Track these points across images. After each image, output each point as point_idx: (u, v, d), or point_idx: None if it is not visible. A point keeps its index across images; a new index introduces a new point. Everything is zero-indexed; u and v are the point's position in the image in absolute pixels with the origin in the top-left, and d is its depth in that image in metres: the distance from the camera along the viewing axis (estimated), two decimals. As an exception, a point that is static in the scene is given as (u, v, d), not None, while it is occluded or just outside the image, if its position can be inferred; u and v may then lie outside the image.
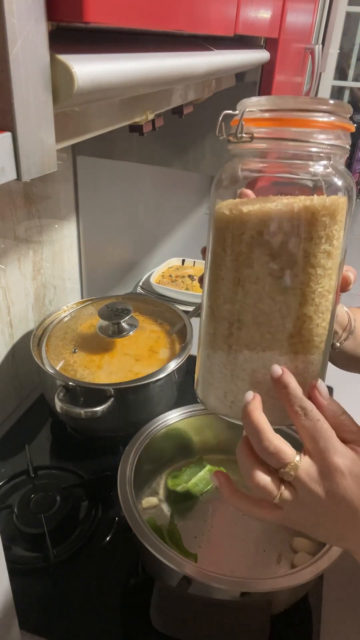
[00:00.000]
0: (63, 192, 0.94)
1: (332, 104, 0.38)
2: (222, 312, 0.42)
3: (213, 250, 0.42)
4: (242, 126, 0.38)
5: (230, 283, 0.41)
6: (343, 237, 0.40)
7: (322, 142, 0.37)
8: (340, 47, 2.96)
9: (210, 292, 0.43)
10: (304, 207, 0.37)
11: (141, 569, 0.66)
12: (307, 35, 1.22)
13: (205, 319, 0.45)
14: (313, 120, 0.37)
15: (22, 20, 0.25)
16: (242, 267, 0.40)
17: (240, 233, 0.39)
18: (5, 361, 0.88)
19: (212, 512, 0.71)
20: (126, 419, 0.80)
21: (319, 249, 0.38)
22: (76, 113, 0.38)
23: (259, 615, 0.52)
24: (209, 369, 0.45)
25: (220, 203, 0.41)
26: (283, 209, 0.37)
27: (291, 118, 0.37)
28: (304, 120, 0.37)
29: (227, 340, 0.42)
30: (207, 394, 0.46)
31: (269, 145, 0.38)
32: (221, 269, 0.41)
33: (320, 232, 0.38)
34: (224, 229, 0.40)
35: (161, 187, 1.49)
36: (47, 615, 0.61)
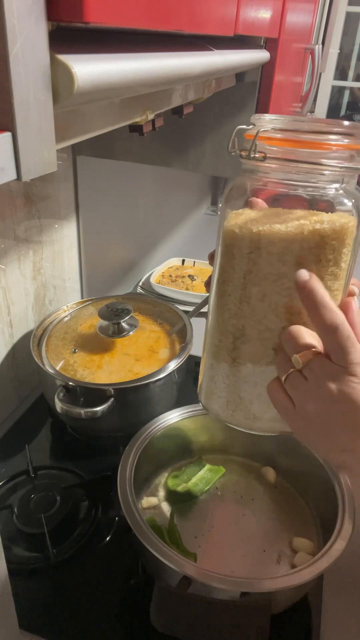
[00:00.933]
0: (63, 192, 0.94)
1: (347, 126, 0.38)
2: (228, 326, 0.42)
3: (221, 265, 0.42)
4: (256, 146, 0.38)
5: (237, 299, 0.41)
6: (351, 258, 0.40)
7: (336, 165, 0.37)
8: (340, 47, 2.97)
9: (216, 306, 0.43)
10: (314, 231, 0.37)
11: (141, 569, 0.66)
12: (307, 35, 1.22)
13: (210, 330, 0.45)
14: (327, 144, 0.37)
15: (22, 20, 0.25)
16: (249, 284, 0.40)
17: (249, 252, 0.39)
18: (5, 361, 0.88)
19: (212, 512, 0.71)
20: (126, 419, 0.80)
21: (326, 271, 0.38)
22: (76, 113, 0.38)
23: (259, 615, 0.52)
24: (213, 378, 0.46)
25: (230, 219, 0.40)
26: (293, 231, 0.37)
27: (305, 140, 0.37)
28: (318, 143, 0.37)
29: (232, 353, 0.43)
30: (210, 401, 0.47)
31: (281, 165, 0.38)
32: (228, 284, 0.41)
33: (328, 255, 0.38)
34: (232, 246, 0.40)
35: (161, 187, 1.49)
36: (47, 615, 0.61)
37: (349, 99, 3.26)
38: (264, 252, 0.38)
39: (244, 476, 0.76)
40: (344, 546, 0.56)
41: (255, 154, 0.38)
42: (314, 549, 0.65)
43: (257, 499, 0.73)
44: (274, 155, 0.38)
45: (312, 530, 0.68)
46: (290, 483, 0.75)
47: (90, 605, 0.62)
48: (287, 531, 0.68)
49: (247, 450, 0.78)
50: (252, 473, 0.77)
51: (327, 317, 0.36)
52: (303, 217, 0.38)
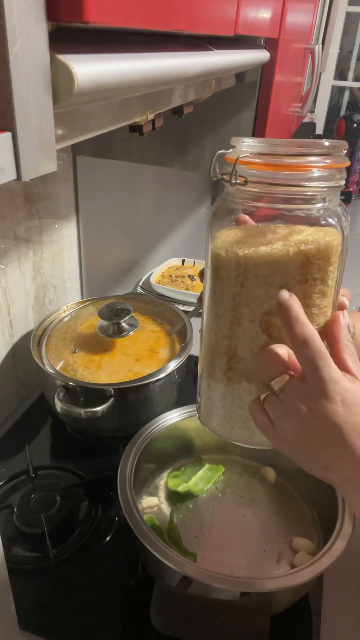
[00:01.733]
0: (63, 192, 0.94)
1: (327, 146, 0.38)
2: (221, 347, 0.43)
3: (211, 287, 0.42)
4: (235, 173, 0.38)
5: (228, 321, 0.42)
6: (337, 274, 0.40)
7: (317, 185, 0.37)
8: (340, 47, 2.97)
9: (208, 328, 0.44)
10: (299, 252, 0.37)
11: (141, 569, 0.66)
12: (307, 35, 1.22)
13: (204, 351, 0.46)
14: (307, 165, 0.37)
15: (22, 20, 0.25)
16: (239, 306, 0.40)
17: (236, 275, 0.39)
18: (5, 361, 0.88)
19: (212, 512, 0.71)
20: (126, 419, 0.80)
21: (314, 290, 0.39)
22: (76, 113, 0.38)
23: (259, 615, 0.52)
24: (210, 397, 0.46)
25: (216, 240, 0.41)
26: (278, 253, 0.37)
27: (285, 164, 0.37)
28: (298, 165, 0.37)
29: (227, 373, 0.43)
30: (208, 419, 0.48)
31: (262, 189, 0.38)
32: (219, 307, 0.42)
33: (315, 275, 0.38)
34: (220, 269, 0.40)
35: (161, 187, 1.49)
36: (47, 615, 0.61)
37: (349, 99, 3.26)
38: (251, 274, 0.39)
39: (244, 476, 0.77)
40: (344, 546, 0.56)
41: (237, 179, 0.38)
42: (314, 549, 0.65)
43: (257, 499, 0.73)
44: (255, 180, 0.38)
45: (312, 530, 0.68)
46: (290, 483, 0.75)
47: (90, 605, 0.62)
48: (287, 531, 0.68)
49: (247, 450, 0.78)
50: (252, 473, 0.77)
51: (298, 331, 0.37)
52: (288, 235, 0.38)
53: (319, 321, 0.41)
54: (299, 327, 0.37)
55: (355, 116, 2.44)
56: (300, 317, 0.37)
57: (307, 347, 0.37)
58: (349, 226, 0.40)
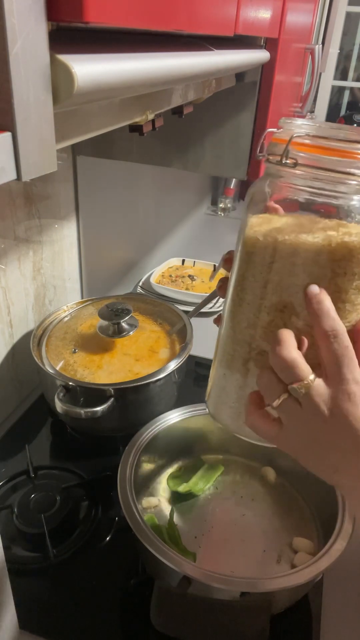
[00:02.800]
0: (63, 192, 0.94)
1: None
2: (244, 335, 0.41)
3: (240, 272, 0.40)
4: (288, 152, 0.36)
5: (256, 308, 0.40)
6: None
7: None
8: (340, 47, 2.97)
9: (232, 313, 0.42)
10: (342, 243, 0.36)
11: (141, 569, 0.66)
12: (307, 35, 1.22)
13: (224, 338, 0.43)
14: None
15: (22, 20, 0.25)
16: (269, 294, 0.39)
17: (272, 261, 0.38)
18: (5, 361, 0.88)
19: (212, 512, 0.71)
20: (126, 419, 0.80)
21: (351, 285, 0.37)
22: (76, 113, 0.38)
23: (259, 615, 0.52)
24: (224, 388, 0.45)
25: (252, 225, 0.39)
26: (320, 242, 0.36)
27: (337, 148, 0.35)
28: (350, 152, 0.35)
29: (246, 364, 0.42)
30: (219, 411, 0.46)
31: (309, 172, 0.36)
32: (247, 293, 0.40)
33: (355, 269, 0.37)
34: (254, 253, 0.39)
35: (161, 187, 1.49)
36: (47, 615, 0.61)
37: (349, 99, 3.26)
38: (287, 262, 0.37)
39: (244, 476, 0.77)
40: (344, 546, 0.56)
41: (287, 159, 0.36)
42: (314, 549, 0.65)
43: (257, 499, 0.73)
44: (305, 162, 0.36)
45: (312, 530, 0.68)
46: (290, 483, 0.75)
47: (90, 605, 0.62)
48: (287, 531, 0.68)
49: (247, 450, 0.78)
50: (252, 473, 0.77)
51: (329, 324, 0.36)
52: (330, 227, 0.37)
53: (351, 318, 0.39)
54: (330, 321, 0.36)
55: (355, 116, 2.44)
56: (332, 311, 0.36)
57: (335, 341, 0.36)
58: None
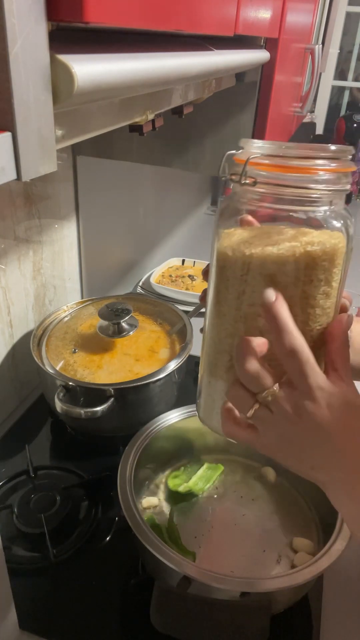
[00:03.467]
0: (63, 192, 0.94)
1: (334, 150, 0.38)
2: (224, 345, 0.43)
3: (216, 285, 0.42)
4: (245, 174, 0.38)
5: (232, 319, 0.42)
6: (341, 276, 0.41)
7: (324, 188, 0.38)
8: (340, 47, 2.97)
9: (212, 325, 0.44)
10: (305, 253, 0.38)
11: (141, 569, 0.66)
12: (307, 35, 1.22)
13: (207, 348, 0.46)
14: (315, 168, 0.38)
15: (22, 20, 0.25)
16: (243, 305, 0.41)
17: (242, 274, 0.40)
18: (5, 361, 0.88)
19: (212, 512, 0.71)
20: (126, 419, 0.80)
21: (318, 291, 0.39)
22: (76, 113, 0.38)
23: (259, 615, 0.52)
24: (211, 395, 0.47)
25: (223, 239, 0.41)
26: (285, 254, 0.38)
27: (294, 166, 0.38)
28: (306, 168, 0.38)
29: (229, 372, 0.44)
30: (209, 417, 0.48)
31: (270, 190, 0.39)
32: (223, 305, 0.42)
33: (319, 276, 0.39)
34: (226, 267, 0.41)
35: (161, 187, 1.49)
36: (47, 615, 0.61)
37: (348, 99, 3.26)
38: (256, 274, 0.39)
39: (244, 476, 0.76)
40: (344, 546, 0.56)
41: (246, 179, 0.39)
42: (314, 549, 0.65)
43: (257, 499, 0.73)
44: (264, 181, 0.38)
45: (312, 530, 0.68)
46: (290, 483, 0.75)
47: (90, 606, 0.62)
48: (287, 531, 0.68)
49: (247, 450, 0.78)
50: (252, 473, 0.77)
51: (287, 342, 0.37)
52: (294, 237, 0.39)
53: (322, 321, 0.41)
54: (288, 337, 0.37)
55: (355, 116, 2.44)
56: (289, 326, 0.37)
57: (295, 358, 0.37)
58: (353, 229, 0.41)
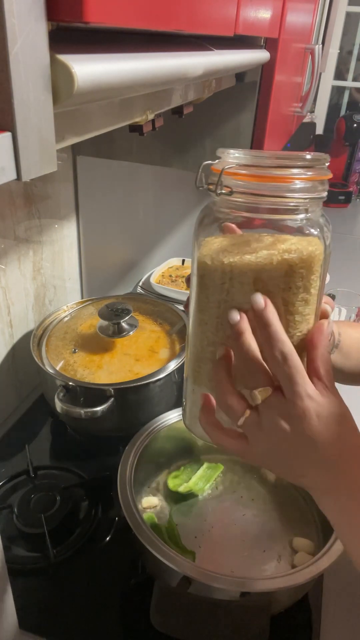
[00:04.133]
0: (63, 192, 0.95)
1: (309, 159, 0.39)
2: (206, 353, 0.43)
3: (197, 294, 0.43)
4: (221, 184, 0.39)
5: (214, 327, 0.42)
6: (320, 282, 0.41)
7: (299, 196, 0.38)
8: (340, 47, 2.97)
9: (194, 334, 0.44)
10: (282, 261, 0.38)
11: (141, 569, 0.66)
12: (307, 35, 1.22)
13: (190, 356, 0.46)
14: (290, 177, 0.38)
15: (22, 20, 0.25)
16: (224, 313, 0.41)
17: (222, 283, 0.40)
18: (5, 361, 0.88)
19: (212, 512, 0.71)
20: (126, 419, 0.80)
21: (296, 298, 0.40)
22: (76, 113, 0.38)
23: (259, 615, 0.52)
24: (195, 402, 0.47)
25: (202, 248, 0.42)
26: (262, 262, 0.38)
27: (268, 175, 0.38)
28: (281, 177, 0.38)
29: (212, 380, 0.44)
30: (194, 424, 0.48)
31: (246, 199, 0.39)
32: (204, 314, 0.42)
33: (297, 283, 0.39)
34: (205, 276, 0.41)
35: (161, 187, 1.49)
36: (47, 615, 0.61)
37: (348, 99, 3.26)
38: (236, 282, 0.40)
39: (244, 476, 0.77)
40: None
41: (222, 189, 0.39)
42: (314, 549, 0.65)
43: (257, 499, 0.73)
44: (240, 190, 0.39)
45: (312, 530, 0.68)
46: (290, 483, 0.75)
47: (90, 605, 0.62)
48: (287, 531, 0.68)
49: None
50: (252, 473, 0.77)
51: (278, 348, 0.38)
52: (272, 244, 0.39)
53: (302, 328, 0.41)
54: (279, 344, 0.38)
55: (355, 116, 2.44)
56: (279, 334, 0.38)
57: (285, 363, 0.38)
58: (331, 236, 0.41)
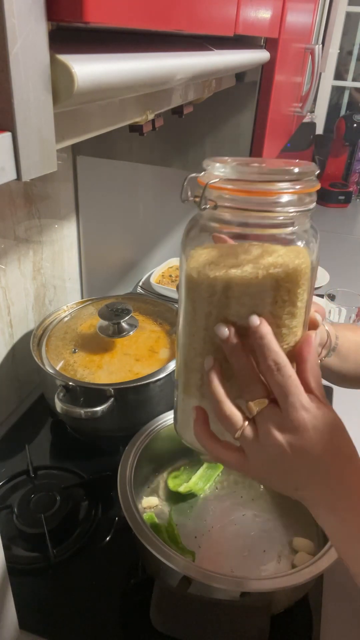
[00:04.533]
0: (63, 192, 0.94)
1: (297, 172, 0.38)
2: (194, 364, 0.44)
3: (185, 306, 0.43)
4: (205, 198, 0.39)
5: (201, 339, 0.42)
6: (308, 295, 0.41)
7: (286, 210, 0.38)
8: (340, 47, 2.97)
9: (182, 345, 0.45)
10: (268, 275, 0.38)
11: (141, 569, 0.66)
12: (307, 35, 1.22)
13: (179, 367, 0.46)
14: (276, 192, 0.37)
15: (22, 20, 0.25)
16: (210, 325, 0.41)
17: (208, 296, 0.40)
18: (5, 361, 0.88)
19: (212, 512, 0.71)
20: (126, 419, 0.80)
21: (283, 311, 0.40)
22: (76, 113, 0.38)
23: (259, 615, 0.52)
24: (184, 410, 0.47)
25: (190, 260, 0.41)
26: (248, 276, 0.38)
27: (254, 190, 0.38)
28: (266, 192, 0.37)
29: (200, 389, 0.44)
30: (184, 431, 0.49)
31: (232, 213, 0.39)
32: (192, 326, 0.42)
33: (284, 297, 0.39)
34: (192, 290, 0.41)
35: (161, 187, 1.48)
36: (47, 615, 0.61)
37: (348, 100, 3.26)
38: (222, 295, 0.40)
39: (244, 476, 0.76)
40: (344, 546, 0.56)
41: (206, 204, 0.39)
42: (314, 549, 0.65)
43: (257, 499, 0.73)
44: (225, 204, 0.38)
45: (312, 530, 0.68)
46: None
47: (90, 605, 0.62)
48: (287, 531, 0.68)
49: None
50: (252, 473, 0.77)
51: (272, 358, 0.38)
52: (259, 256, 0.39)
53: (289, 341, 0.41)
54: (273, 354, 0.38)
55: (355, 116, 2.44)
56: (273, 345, 0.38)
57: (279, 374, 0.38)
58: (319, 245, 0.41)
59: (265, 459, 0.40)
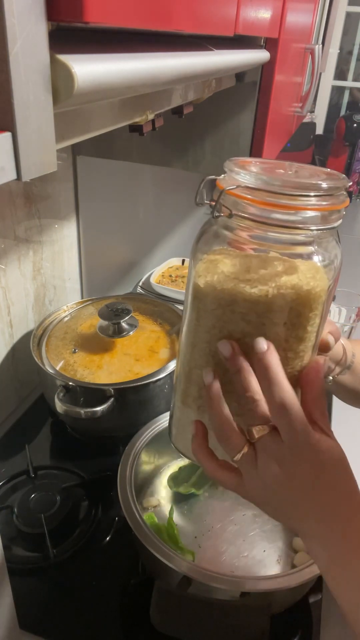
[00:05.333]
0: (63, 192, 0.94)
1: (326, 187, 0.34)
2: (193, 375, 0.42)
3: (189, 314, 0.40)
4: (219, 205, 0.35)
5: (202, 351, 0.40)
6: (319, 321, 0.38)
7: (309, 228, 0.34)
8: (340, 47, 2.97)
9: (183, 355, 0.43)
10: (278, 295, 0.35)
11: (141, 569, 0.66)
12: (307, 35, 1.22)
13: (178, 377, 0.45)
14: (302, 208, 0.34)
15: (22, 20, 0.25)
16: (213, 339, 0.39)
17: (213, 308, 0.38)
18: (5, 361, 0.88)
19: (212, 512, 0.71)
20: (126, 419, 0.80)
21: (290, 334, 0.37)
22: (76, 113, 0.38)
23: (259, 615, 0.52)
24: (180, 420, 0.46)
25: (199, 269, 0.39)
26: (257, 294, 0.35)
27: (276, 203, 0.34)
28: (290, 207, 0.34)
29: (197, 401, 0.43)
30: (178, 442, 0.48)
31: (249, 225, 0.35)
32: (194, 336, 0.40)
33: (293, 320, 0.36)
34: (198, 299, 0.39)
35: (161, 187, 1.48)
36: (47, 615, 0.61)
37: (348, 99, 3.26)
38: (227, 310, 0.37)
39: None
40: (344, 546, 0.56)
41: (220, 212, 0.36)
42: (314, 549, 0.65)
43: (257, 499, 0.73)
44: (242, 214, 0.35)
45: (312, 530, 0.68)
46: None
47: (90, 605, 0.62)
48: (287, 531, 0.68)
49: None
50: (252, 473, 0.77)
51: (278, 395, 0.35)
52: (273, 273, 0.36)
53: (294, 365, 0.39)
54: (279, 391, 0.35)
55: (355, 116, 2.45)
56: (279, 377, 0.35)
57: (285, 412, 0.36)
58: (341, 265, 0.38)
59: (262, 486, 0.38)
